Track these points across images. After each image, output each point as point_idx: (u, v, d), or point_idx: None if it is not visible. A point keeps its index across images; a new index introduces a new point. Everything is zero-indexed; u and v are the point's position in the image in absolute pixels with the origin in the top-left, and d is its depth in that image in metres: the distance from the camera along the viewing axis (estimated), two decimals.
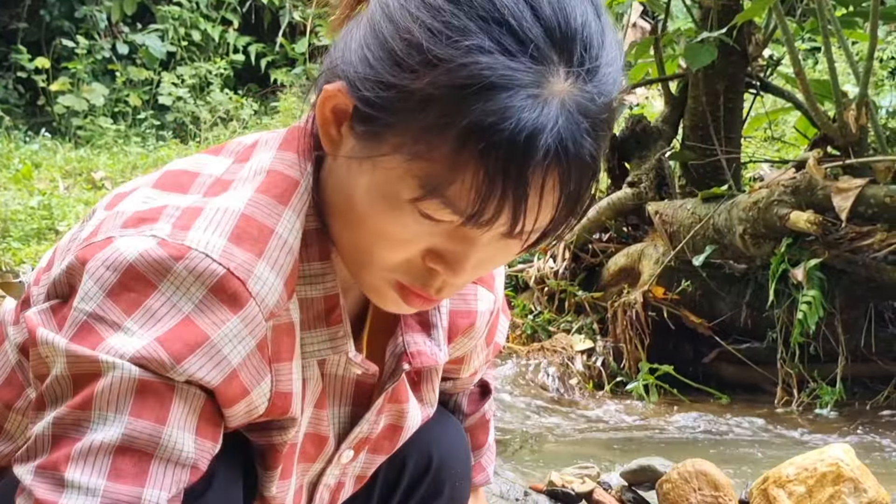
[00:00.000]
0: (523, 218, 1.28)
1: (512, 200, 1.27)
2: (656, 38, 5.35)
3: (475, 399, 1.90)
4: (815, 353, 4.65)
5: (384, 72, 1.29)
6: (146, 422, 1.32)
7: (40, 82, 9.63)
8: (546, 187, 1.28)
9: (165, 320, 1.32)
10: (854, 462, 2.90)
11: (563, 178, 1.28)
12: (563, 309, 5.24)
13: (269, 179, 1.40)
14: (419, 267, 1.37)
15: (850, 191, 4.36)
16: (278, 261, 1.37)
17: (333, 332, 1.46)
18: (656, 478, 3.02)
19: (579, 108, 1.28)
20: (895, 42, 9.15)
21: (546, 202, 1.29)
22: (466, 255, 1.34)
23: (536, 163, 1.25)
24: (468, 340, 1.69)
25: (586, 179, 1.30)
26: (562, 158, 1.27)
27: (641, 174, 5.26)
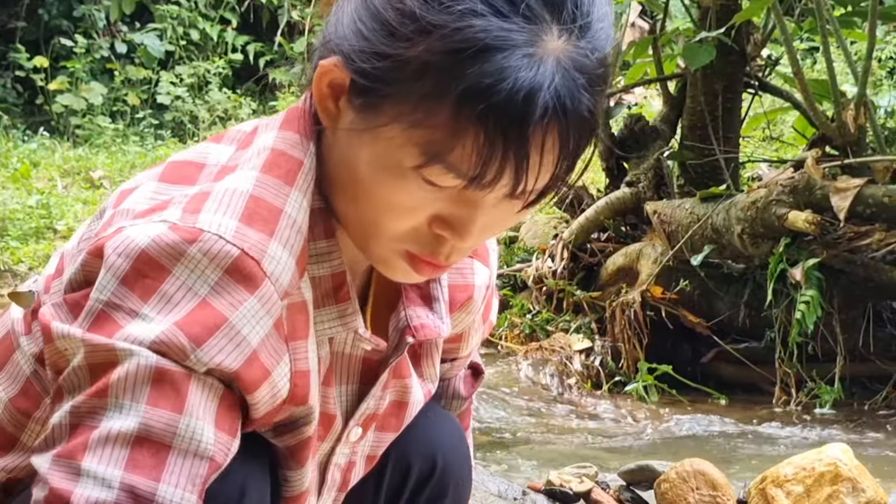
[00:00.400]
0: (525, 177, 1.30)
1: (514, 161, 1.28)
2: (655, 38, 5.35)
3: (469, 382, 1.91)
4: (814, 352, 4.65)
5: (378, 42, 1.30)
6: (163, 411, 1.31)
7: (39, 81, 9.63)
8: (546, 145, 1.29)
9: (182, 304, 1.32)
10: (852, 462, 2.90)
11: (563, 135, 1.29)
12: (562, 308, 5.24)
13: (272, 158, 1.41)
14: (426, 234, 1.37)
15: (849, 190, 4.37)
16: (289, 240, 1.37)
17: (343, 310, 1.47)
18: (654, 477, 3.02)
19: (575, 65, 1.29)
20: (894, 42, 9.15)
21: (546, 160, 1.30)
22: (472, 218, 1.35)
23: (535, 121, 1.27)
24: (466, 315, 1.69)
25: (585, 135, 1.32)
26: (560, 115, 1.28)
27: (640, 174, 5.26)
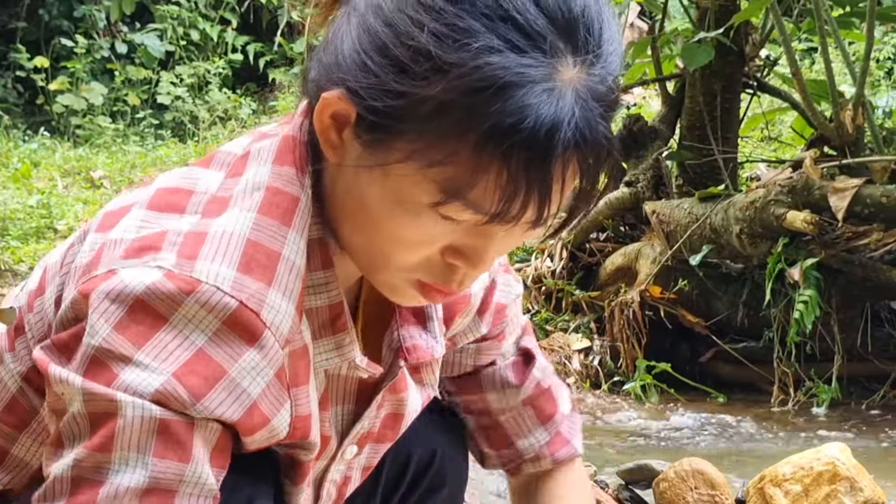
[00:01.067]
0: (548, 210, 1.29)
1: (537, 195, 1.27)
2: (654, 38, 5.36)
3: (520, 368, 1.86)
4: (812, 352, 4.66)
5: (389, 80, 1.27)
6: (170, 462, 1.31)
7: (39, 81, 9.63)
8: (567, 176, 1.29)
9: (178, 353, 1.30)
10: (850, 461, 2.91)
11: (583, 164, 1.29)
12: (561, 308, 5.25)
13: (268, 198, 1.38)
14: (439, 264, 1.36)
15: (847, 191, 4.37)
16: (288, 285, 1.35)
17: (340, 340, 1.45)
18: (653, 476, 3.02)
19: (592, 94, 1.28)
20: (892, 42, 9.15)
21: (567, 189, 1.30)
22: (486, 248, 1.35)
23: (557, 156, 1.26)
24: (464, 318, 1.69)
25: (603, 160, 1.31)
26: (581, 146, 1.27)
27: (639, 174, 5.27)
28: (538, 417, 1.89)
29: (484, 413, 1.86)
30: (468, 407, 1.86)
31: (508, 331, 1.82)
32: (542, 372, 1.89)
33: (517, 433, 1.88)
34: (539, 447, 1.89)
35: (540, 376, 1.88)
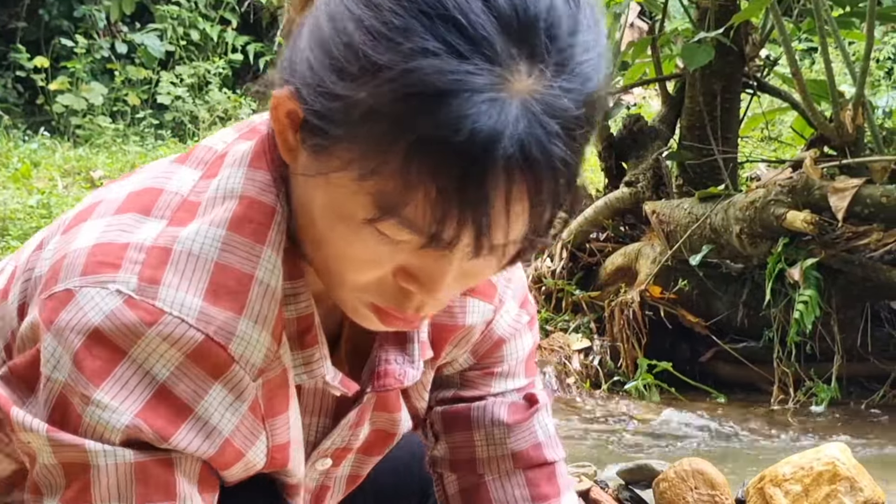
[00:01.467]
0: (489, 235, 1.14)
1: (472, 219, 1.12)
2: (653, 38, 5.36)
3: (517, 409, 1.63)
4: (812, 352, 4.66)
5: (327, 79, 1.15)
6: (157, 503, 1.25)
7: (39, 81, 9.63)
8: (512, 199, 1.13)
9: (139, 390, 1.22)
10: (850, 461, 2.91)
11: (531, 187, 1.12)
12: (561, 308, 5.25)
13: (240, 212, 1.26)
14: (392, 286, 1.22)
15: (847, 191, 4.37)
16: (262, 311, 1.26)
17: (309, 355, 1.33)
18: (653, 476, 3.03)
19: (546, 109, 1.11)
20: (892, 42, 9.16)
21: (515, 214, 1.14)
22: (441, 272, 1.20)
23: (496, 175, 1.10)
24: (457, 349, 1.55)
25: (560, 186, 1.14)
26: (526, 167, 1.11)
27: (638, 174, 5.27)
28: (531, 492, 1.63)
29: (468, 466, 1.63)
30: (454, 458, 1.65)
31: (501, 370, 1.62)
32: (549, 439, 1.65)
33: (502, 502, 1.63)
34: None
35: (542, 439, 1.64)
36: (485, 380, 1.62)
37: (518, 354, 1.62)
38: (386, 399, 1.47)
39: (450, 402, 1.63)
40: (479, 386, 1.62)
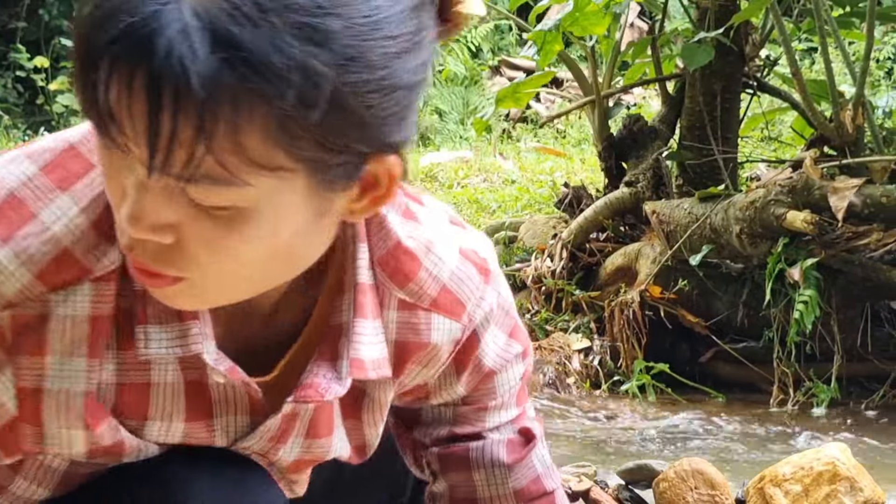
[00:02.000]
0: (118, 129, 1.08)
1: (97, 109, 1.08)
2: (653, 38, 5.36)
3: (515, 447, 1.62)
4: (812, 352, 4.66)
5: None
6: None
7: (39, 81, 9.64)
8: (135, 92, 1.06)
9: None
10: (850, 461, 2.91)
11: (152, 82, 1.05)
12: (561, 308, 5.25)
13: (61, 158, 1.28)
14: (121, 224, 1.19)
15: (847, 191, 4.37)
16: (30, 251, 1.24)
17: (185, 329, 1.29)
18: (653, 476, 3.03)
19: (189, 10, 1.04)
20: (892, 42, 9.17)
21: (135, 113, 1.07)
22: (134, 193, 1.13)
23: (111, 55, 1.05)
24: (424, 369, 1.49)
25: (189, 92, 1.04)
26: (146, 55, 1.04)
27: (638, 174, 5.27)
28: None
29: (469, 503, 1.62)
30: (454, 496, 1.63)
31: (495, 403, 1.59)
32: (546, 469, 1.64)
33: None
34: None
35: (541, 470, 1.63)
36: (478, 415, 1.60)
37: (510, 385, 1.59)
38: (317, 423, 1.44)
39: (446, 442, 1.62)
40: (474, 422, 1.60)
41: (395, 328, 1.43)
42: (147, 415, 1.36)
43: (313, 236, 1.22)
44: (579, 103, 5.90)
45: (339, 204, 1.20)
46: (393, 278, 1.40)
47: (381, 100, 1.12)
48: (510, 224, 6.21)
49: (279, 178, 1.11)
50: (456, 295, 1.45)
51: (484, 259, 1.48)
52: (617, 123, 5.80)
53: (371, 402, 1.48)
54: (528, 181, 7.76)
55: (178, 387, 1.35)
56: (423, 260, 1.41)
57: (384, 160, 1.18)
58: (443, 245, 1.43)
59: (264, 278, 1.24)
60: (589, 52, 5.64)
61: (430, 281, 1.42)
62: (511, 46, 12.15)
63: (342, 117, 1.10)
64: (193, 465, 1.39)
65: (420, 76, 1.16)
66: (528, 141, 9.78)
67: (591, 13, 5.23)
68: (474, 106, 11.20)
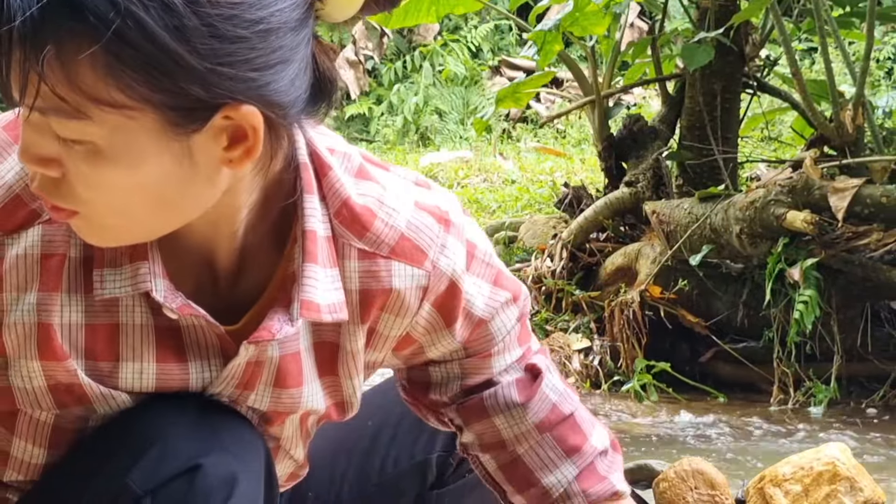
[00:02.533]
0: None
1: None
2: (653, 38, 5.36)
3: (524, 384, 1.69)
4: (812, 352, 4.66)
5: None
6: None
7: None
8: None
9: None
10: (850, 461, 2.91)
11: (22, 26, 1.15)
12: (561, 308, 5.25)
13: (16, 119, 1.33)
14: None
15: (847, 191, 4.38)
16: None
17: (135, 268, 1.38)
18: (653, 476, 3.02)
19: None
20: (892, 42, 9.17)
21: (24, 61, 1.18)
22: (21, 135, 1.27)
23: None
24: (398, 318, 1.55)
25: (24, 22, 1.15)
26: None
27: (638, 174, 5.27)
28: (562, 447, 1.70)
29: (499, 446, 1.69)
30: (483, 442, 1.70)
31: (497, 349, 1.66)
32: (560, 396, 1.71)
33: (540, 466, 1.69)
34: (568, 483, 1.70)
35: (555, 399, 1.70)
36: (484, 362, 1.66)
37: (506, 329, 1.66)
38: (285, 373, 1.49)
39: (461, 397, 1.68)
40: (482, 370, 1.66)
41: (357, 276, 1.49)
42: (118, 355, 1.43)
43: (193, 184, 1.29)
44: (579, 103, 5.90)
45: (205, 151, 1.27)
46: (350, 229, 1.47)
47: (211, 46, 1.20)
48: (510, 224, 6.22)
49: (125, 115, 1.21)
50: (415, 242, 1.51)
51: (445, 211, 1.54)
52: (617, 123, 5.80)
53: (345, 355, 1.54)
54: (528, 181, 7.77)
55: (148, 329, 1.42)
56: (377, 211, 1.48)
57: (239, 110, 1.24)
58: (394, 198, 1.51)
59: (156, 222, 1.32)
60: (589, 52, 5.65)
61: (386, 230, 1.49)
62: (511, 46, 12.15)
63: (167, 59, 1.18)
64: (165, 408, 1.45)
65: (260, 30, 1.22)
66: (528, 141, 9.79)
67: (591, 13, 5.23)
68: (474, 106, 11.21)
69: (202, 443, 1.43)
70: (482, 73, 11.71)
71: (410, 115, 11.21)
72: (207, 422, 1.45)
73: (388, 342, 1.58)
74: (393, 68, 11.77)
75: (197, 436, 1.43)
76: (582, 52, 6.48)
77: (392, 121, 11.29)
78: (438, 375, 1.67)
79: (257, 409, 1.52)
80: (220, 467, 1.42)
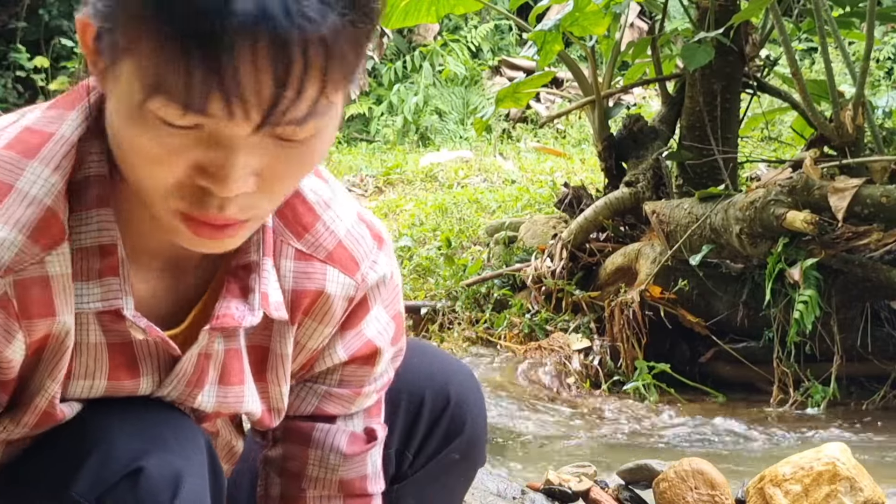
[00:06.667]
0: (240, 100, 1.16)
1: (217, 83, 1.15)
2: (654, 38, 5.36)
3: (357, 441, 1.67)
4: (812, 352, 4.66)
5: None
6: None
7: (39, 81, 9.65)
8: (261, 61, 1.14)
9: None
10: (850, 461, 2.91)
11: (275, 49, 1.14)
12: (561, 308, 5.25)
13: (18, 135, 1.34)
14: (191, 188, 1.25)
15: (847, 191, 4.37)
16: (14, 215, 1.30)
17: (107, 284, 1.37)
18: (653, 476, 3.03)
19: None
20: (892, 42, 9.17)
21: (262, 78, 1.15)
22: (230, 161, 1.21)
23: (234, 31, 1.12)
24: (320, 325, 1.55)
25: (310, 49, 1.15)
26: (265, 24, 1.13)
27: (638, 174, 5.27)
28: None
29: (296, 478, 1.67)
30: (284, 466, 1.68)
31: (367, 390, 1.64)
32: (375, 474, 1.69)
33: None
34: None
35: (369, 472, 1.68)
36: (349, 398, 1.65)
37: (382, 374, 1.65)
38: (229, 370, 1.49)
39: (301, 420, 1.66)
40: (343, 403, 1.65)
41: (292, 277, 1.50)
42: (71, 373, 1.42)
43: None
44: (579, 103, 5.90)
45: None
46: (289, 227, 1.48)
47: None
48: (510, 224, 6.22)
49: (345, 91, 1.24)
50: (350, 252, 1.52)
51: (379, 230, 1.57)
52: (617, 123, 5.80)
53: (275, 359, 1.54)
54: (528, 181, 7.77)
55: (102, 347, 1.41)
56: (321, 214, 1.49)
57: None
58: (341, 205, 1.52)
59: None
60: (589, 52, 5.65)
61: (326, 234, 1.50)
62: (511, 46, 12.15)
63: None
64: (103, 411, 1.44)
65: None
66: (528, 141, 9.78)
67: (591, 13, 5.23)
68: (474, 106, 11.20)
69: (143, 444, 1.42)
70: (482, 73, 11.71)
71: (410, 115, 11.21)
72: (147, 421, 1.45)
73: (301, 354, 1.57)
74: (393, 68, 11.77)
75: (137, 437, 1.42)
76: (582, 52, 6.47)
77: (392, 121, 11.29)
78: (304, 391, 1.65)
79: (201, 411, 1.52)
80: (163, 467, 1.41)
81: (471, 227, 6.69)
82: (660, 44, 5.35)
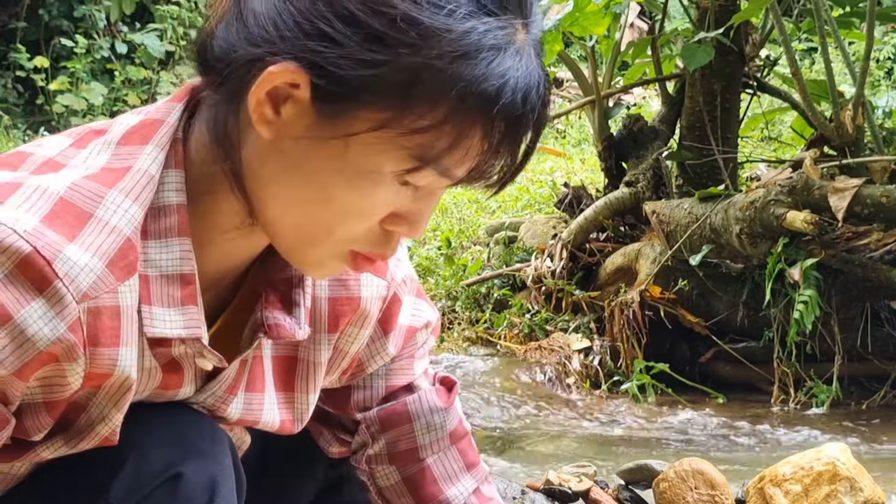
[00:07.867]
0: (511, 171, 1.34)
1: (509, 158, 1.31)
2: (653, 38, 5.36)
3: (444, 394, 1.81)
4: (812, 352, 4.66)
5: (361, 48, 1.24)
6: None
7: (39, 81, 9.64)
8: (535, 138, 1.33)
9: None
10: (850, 461, 2.91)
11: (539, 125, 1.32)
12: (561, 308, 5.25)
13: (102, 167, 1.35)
14: (377, 232, 1.35)
15: (847, 191, 4.37)
16: (95, 243, 1.30)
17: (189, 313, 1.39)
18: (653, 476, 3.02)
19: (537, 55, 1.31)
20: (892, 42, 9.17)
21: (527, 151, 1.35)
22: (428, 210, 1.36)
23: (529, 119, 1.30)
24: (360, 330, 1.62)
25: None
26: (542, 108, 1.31)
27: (638, 174, 5.27)
28: (464, 461, 1.81)
29: (410, 454, 1.78)
30: (394, 451, 1.78)
31: (419, 353, 1.79)
32: (462, 414, 1.84)
33: (444, 477, 1.79)
34: (467, 496, 1.80)
35: (461, 413, 1.83)
36: (408, 363, 1.77)
37: (426, 339, 1.79)
38: (254, 377, 1.51)
39: (383, 402, 1.76)
40: (406, 371, 1.77)
41: (327, 285, 1.54)
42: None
43: None
44: (579, 103, 5.90)
45: None
46: None
47: None
48: (510, 224, 6.21)
49: None
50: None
51: None
52: (617, 123, 5.80)
53: (305, 367, 1.58)
54: (528, 181, 7.76)
55: (155, 371, 1.42)
56: None
57: None
58: None
59: None
60: (589, 52, 5.65)
61: None
62: None
63: None
64: (134, 414, 1.43)
65: None
66: None
67: (591, 13, 5.23)
68: None
69: (178, 449, 1.43)
70: None
71: None
72: (179, 426, 1.46)
73: (344, 360, 1.62)
74: None
75: (173, 442, 1.43)
76: (582, 52, 6.47)
77: None
78: (363, 378, 1.73)
79: (226, 419, 1.53)
80: (200, 473, 1.42)
81: (471, 226, 6.69)
82: (660, 44, 5.35)
